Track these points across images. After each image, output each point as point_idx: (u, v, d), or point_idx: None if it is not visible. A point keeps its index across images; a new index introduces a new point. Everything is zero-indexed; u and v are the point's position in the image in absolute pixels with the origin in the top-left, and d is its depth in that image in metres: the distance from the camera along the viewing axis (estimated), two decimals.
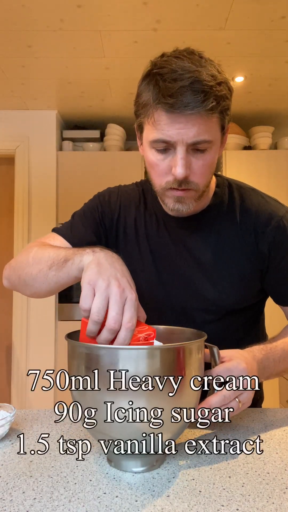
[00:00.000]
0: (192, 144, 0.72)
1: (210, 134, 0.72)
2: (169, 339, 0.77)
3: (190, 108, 0.68)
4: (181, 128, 0.70)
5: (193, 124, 0.69)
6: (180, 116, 0.69)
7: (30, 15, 2.00)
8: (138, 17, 2.03)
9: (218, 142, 0.77)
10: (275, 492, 0.55)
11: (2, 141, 3.12)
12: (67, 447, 0.69)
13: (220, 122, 0.75)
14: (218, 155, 0.80)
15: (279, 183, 3.08)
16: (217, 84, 0.69)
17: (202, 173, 0.76)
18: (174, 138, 0.71)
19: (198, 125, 0.70)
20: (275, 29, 2.13)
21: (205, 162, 0.75)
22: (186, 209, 0.79)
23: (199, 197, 0.80)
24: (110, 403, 0.56)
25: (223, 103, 0.72)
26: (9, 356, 3.16)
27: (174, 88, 0.67)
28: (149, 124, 0.74)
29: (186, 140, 0.71)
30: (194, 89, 0.67)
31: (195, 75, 0.68)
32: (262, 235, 0.85)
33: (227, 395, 0.67)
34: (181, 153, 0.72)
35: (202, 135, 0.71)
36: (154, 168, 0.77)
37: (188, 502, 0.53)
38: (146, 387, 0.55)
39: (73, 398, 0.62)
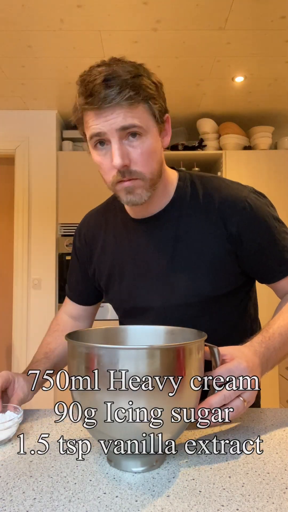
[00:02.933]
0: (122, 130, 0.75)
1: (139, 120, 0.75)
2: (169, 339, 0.77)
3: (108, 101, 0.73)
4: (108, 120, 0.75)
5: (118, 113, 0.74)
6: (103, 111, 0.74)
7: (30, 15, 2.00)
8: (138, 17, 2.03)
9: (154, 130, 0.79)
10: (275, 492, 0.55)
11: (2, 141, 3.12)
12: (67, 447, 0.69)
13: (149, 110, 0.78)
14: (162, 146, 0.83)
15: (279, 183, 3.08)
16: (133, 77, 0.74)
17: (142, 161, 0.78)
18: (103, 129, 0.75)
19: (123, 113, 0.74)
20: (275, 29, 2.13)
21: (142, 150, 0.77)
22: (139, 199, 0.81)
23: (150, 187, 0.82)
24: (110, 403, 0.56)
25: (143, 92, 0.75)
26: (9, 356, 3.16)
27: (90, 87, 0.74)
28: (85, 128, 0.80)
29: (114, 127, 0.75)
30: (108, 85, 0.73)
31: (107, 72, 0.74)
32: (229, 218, 0.85)
33: (227, 395, 0.67)
34: (115, 142, 0.76)
35: (129, 120, 0.74)
36: (101, 167, 0.81)
37: (188, 502, 0.53)
38: (146, 387, 0.55)
39: (73, 398, 0.62)
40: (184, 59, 2.44)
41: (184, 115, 3.23)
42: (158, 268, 0.89)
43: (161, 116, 0.81)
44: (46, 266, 3.09)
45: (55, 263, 3.10)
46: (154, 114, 0.79)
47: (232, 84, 2.76)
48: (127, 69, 0.75)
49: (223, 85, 2.76)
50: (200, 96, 2.92)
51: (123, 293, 0.94)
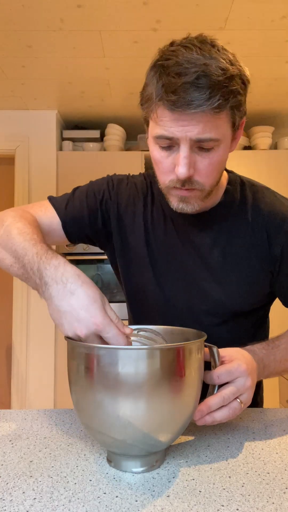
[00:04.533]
0: (197, 141, 0.68)
1: (218, 132, 0.68)
2: (169, 339, 0.76)
3: (194, 107, 0.63)
4: (185, 126, 0.66)
5: (198, 122, 0.65)
6: (183, 114, 0.65)
7: (30, 15, 2.00)
8: (138, 17, 2.03)
9: (228, 139, 0.72)
10: (275, 492, 0.55)
11: (2, 141, 3.12)
12: (67, 447, 0.69)
13: (230, 119, 0.70)
14: (229, 152, 0.76)
15: (279, 183, 3.08)
16: (227, 79, 0.64)
17: (207, 173, 0.72)
18: (177, 134, 0.67)
19: (204, 122, 0.66)
20: (275, 29, 2.13)
21: (211, 161, 0.71)
22: (191, 209, 0.77)
23: (205, 197, 0.77)
24: (110, 403, 0.56)
25: (233, 99, 0.67)
26: (9, 356, 3.16)
27: (177, 84, 0.63)
28: (153, 120, 0.71)
29: (190, 136, 0.67)
30: (199, 85, 0.62)
31: (201, 69, 0.63)
32: (275, 237, 0.82)
33: (226, 396, 0.66)
34: (185, 151, 0.68)
35: (208, 132, 0.66)
36: (158, 165, 0.75)
37: (188, 502, 0.53)
38: (146, 387, 0.55)
39: (73, 398, 0.62)
40: None
41: None
42: (189, 270, 0.86)
43: (239, 122, 0.73)
44: None
45: None
46: (235, 122, 0.71)
47: None
48: (221, 64, 0.64)
49: None
50: None
51: (146, 280, 0.88)
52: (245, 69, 0.71)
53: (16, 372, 3.01)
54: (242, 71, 0.70)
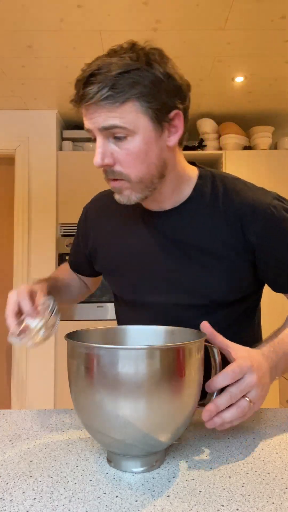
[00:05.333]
0: (104, 130, 0.72)
1: (124, 121, 0.71)
2: (169, 339, 0.76)
3: (86, 100, 0.71)
4: (92, 118, 0.73)
5: (100, 112, 0.71)
6: (86, 108, 0.73)
7: (30, 15, 2.00)
8: (138, 17, 2.03)
9: (146, 131, 0.73)
10: (275, 492, 0.55)
11: (2, 141, 3.12)
12: (67, 447, 0.69)
13: (140, 110, 0.72)
14: (158, 146, 0.76)
15: (279, 183, 3.08)
16: (119, 73, 0.69)
17: (128, 163, 0.74)
18: (89, 126, 0.74)
19: (105, 112, 0.71)
20: (275, 29, 2.13)
21: (128, 151, 0.73)
22: (125, 200, 0.80)
23: (141, 189, 0.78)
24: (110, 403, 0.56)
25: (131, 90, 0.70)
26: (9, 357, 3.16)
27: (76, 84, 0.73)
28: None
29: (96, 126, 0.73)
30: (90, 82, 0.70)
31: (95, 67, 0.70)
32: (248, 226, 0.81)
33: (233, 394, 0.64)
34: (98, 141, 0.74)
35: (110, 120, 0.71)
36: None
37: (188, 502, 0.53)
38: (146, 387, 0.55)
39: (73, 398, 0.62)
40: (184, 59, 2.44)
41: None
42: (165, 265, 0.86)
43: (162, 114, 0.74)
44: (46, 266, 3.09)
45: (55, 263, 3.10)
46: (149, 113, 0.72)
47: (232, 84, 2.76)
48: (122, 61, 0.70)
49: (223, 85, 2.76)
50: (200, 96, 2.92)
51: (125, 284, 0.93)
52: (165, 64, 0.74)
53: (16, 372, 3.01)
54: (154, 65, 0.72)
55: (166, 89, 0.74)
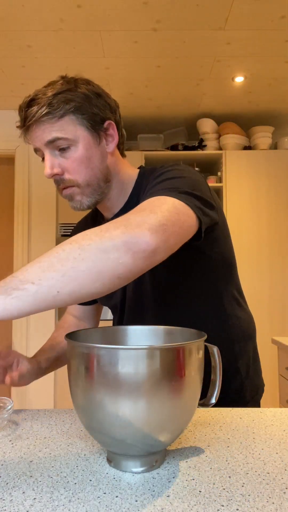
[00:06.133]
0: (49, 143, 0.82)
1: (65, 132, 0.82)
2: (169, 339, 0.77)
3: (28, 120, 0.82)
4: (36, 136, 0.83)
5: (43, 129, 0.82)
6: (30, 129, 0.83)
7: (30, 15, 2.00)
8: (138, 17, 2.03)
9: (86, 139, 0.84)
10: (275, 492, 0.55)
11: (2, 141, 3.12)
12: (67, 447, 0.69)
13: (76, 121, 0.83)
14: (98, 152, 0.86)
15: (279, 183, 3.09)
16: (53, 95, 0.81)
17: (74, 169, 0.83)
18: (35, 144, 0.84)
19: (48, 128, 0.81)
20: (275, 29, 2.13)
21: (73, 159, 0.83)
22: (79, 205, 0.87)
23: (91, 193, 0.86)
24: (110, 403, 0.56)
25: (66, 106, 0.81)
26: None
27: (19, 111, 0.84)
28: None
29: (42, 142, 0.83)
30: (28, 106, 0.82)
31: (32, 96, 0.82)
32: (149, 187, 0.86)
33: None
34: (46, 155, 0.83)
35: (53, 133, 0.81)
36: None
37: (188, 502, 0.53)
38: (146, 387, 0.55)
39: (73, 398, 0.62)
40: (184, 59, 2.44)
41: (184, 115, 3.23)
42: None
43: (96, 124, 0.85)
44: None
45: None
46: (85, 124, 0.83)
47: (232, 84, 2.76)
48: (56, 86, 0.82)
49: (223, 85, 2.76)
50: (200, 96, 2.92)
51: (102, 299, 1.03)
52: (90, 86, 0.86)
53: None
54: (82, 87, 0.84)
55: (96, 104, 0.85)
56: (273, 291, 3.05)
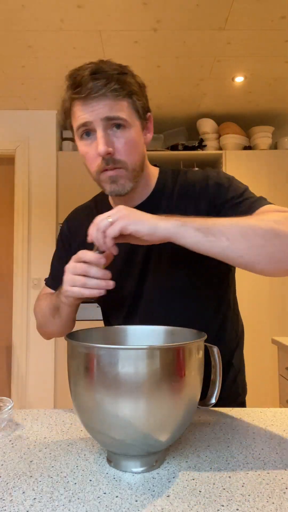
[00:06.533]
0: (107, 120, 0.79)
1: (122, 112, 0.80)
2: (169, 339, 0.77)
3: (95, 91, 0.78)
4: (94, 110, 0.79)
5: (104, 104, 0.79)
6: (89, 101, 0.79)
7: (30, 15, 2.00)
8: (138, 17, 2.03)
9: (137, 125, 0.84)
10: (275, 492, 0.55)
11: (2, 141, 3.12)
12: (67, 447, 0.69)
13: (132, 106, 0.82)
14: (144, 141, 0.88)
15: (279, 183, 3.09)
16: (119, 74, 0.80)
17: (126, 151, 0.82)
18: (89, 118, 0.80)
19: (109, 104, 0.79)
20: (275, 29, 2.13)
21: (127, 140, 0.82)
22: (122, 189, 0.85)
23: (133, 177, 0.85)
24: (110, 403, 0.56)
25: (128, 88, 0.81)
26: (9, 356, 3.16)
27: (78, 79, 0.79)
28: (72, 119, 0.85)
29: (100, 116, 0.79)
30: (95, 77, 0.78)
31: (95, 66, 0.80)
32: (203, 193, 0.89)
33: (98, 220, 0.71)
34: (100, 131, 0.80)
35: (114, 112, 0.79)
36: (86, 158, 0.85)
37: (188, 502, 0.53)
38: (145, 387, 0.55)
39: (73, 398, 0.62)
40: (184, 59, 2.44)
41: (184, 115, 3.23)
42: (137, 258, 0.91)
43: (144, 113, 0.86)
44: (46, 266, 3.07)
45: None
46: (138, 110, 0.84)
47: (232, 84, 2.76)
48: (113, 66, 0.81)
49: (223, 85, 2.76)
50: (200, 96, 2.92)
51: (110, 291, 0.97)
52: (137, 75, 0.86)
53: (16, 372, 3.01)
54: (133, 73, 0.85)
55: (144, 94, 0.86)
56: (273, 291, 3.05)
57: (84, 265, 0.74)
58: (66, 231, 1.05)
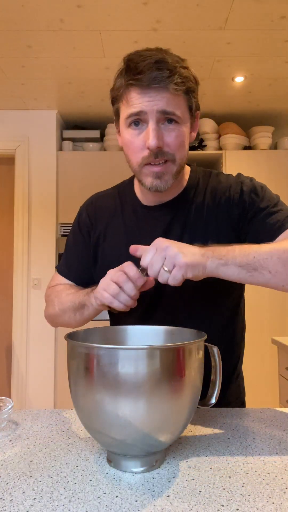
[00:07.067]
0: (162, 113, 0.78)
1: (179, 109, 0.79)
2: (169, 339, 0.77)
3: (157, 82, 0.76)
4: (151, 100, 0.77)
5: (162, 96, 0.77)
6: (149, 90, 0.77)
7: (30, 15, 2.00)
8: (138, 17, 2.03)
9: (187, 122, 0.83)
10: (275, 492, 0.55)
11: (2, 141, 3.12)
12: (67, 447, 0.69)
13: (187, 102, 0.81)
14: (189, 139, 0.86)
15: (279, 183, 3.08)
16: (181, 67, 0.78)
17: (176, 145, 0.81)
18: (145, 108, 0.77)
19: (167, 97, 0.77)
20: (275, 29, 2.13)
21: (177, 134, 0.80)
22: (164, 185, 0.83)
23: (177, 173, 0.84)
24: (110, 403, 0.56)
25: (188, 83, 0.79)
26: (9, 356, 3.16)
27: (141, 66, 0.76)
28: (124, 105, 0.81)
29: (156, 109, 0.77)
30: (159, 67, 0.76)
31: (159, 56, 0.77)
32: (237, 201, 0.87)
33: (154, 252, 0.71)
34: (153, 123, 0.78)
35: (171, 107, 0.78)
36: (130, 147, 0.83)
37: (188, 502, 0.53)
38: (146, 387, 0.55)
39: (73, 398, 0.62)
40: None
41: None
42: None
43: (194, 111, 0.84)
44: (46, 266, 3.09)
45: (55, 263, 3.10)
46: (191, 107, 0.83)
47: (232, 84, 2.76)
48: (175, 58, 0.79)
49: (223, 85, 2.76)
50: (200, 96, 2.90)
51: None
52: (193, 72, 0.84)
53: (16, 372, 3.01)
54: (191, 70, 0.83)
55: (196, 91, 0.84)
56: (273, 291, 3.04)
57: (124, 277, 0.74)
58: (86, 218, 1.00)
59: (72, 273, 1.02)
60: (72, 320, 0.94)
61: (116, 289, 0.74)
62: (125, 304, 0.74)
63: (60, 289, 1.00)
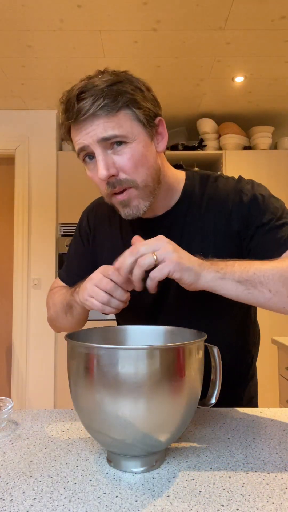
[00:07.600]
0: (103, 141, 0.74)
1: (121, 129, 0.74)
2: (169, 339, 0.76)
3: (82, 114, 0.73)
4: (88, 132, 0.74)
5: (97, 124, 0.73)
6: (81, 124, 0.75)
7: (30, 15, 2.00)
8: (138, 17, 2.03)
9: (141, 136, 0.77)
10: (275, 492, 0.55)
11: (2, 141, 3.12)
12: (67, 447, 0.69)
13: (132, 117, 0.75)
14: (153, 150, 0.80)
15: (279, 183, 3.08)
16: (109, 86, 0.73)
17: (131, 168, 0.76)
18: (85, 142, 0.75)
19: (102, 123, 0.73)
20: (275, 29, 2.13)
21: (129, 156, 0.75)
22: (136, 211, 0.80)
23: (147, 195, 0.79)
24: (110, 403, 0.56)
25: (123, 99, 0.74)
26: (9, 356, 3.16)
27: (68, 102, 0.75)
28: (74, 145, 0.80)
29: (95, 139, 0.74)
30: (81, 97, 0.73)
31: (82, 85, 0.74)
32: (236, 212, 0.83)
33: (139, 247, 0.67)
34: (99, 154, 0.75)
35: (109, 130, 0.73)
36: (94, 182, 0.80)
37: (188, 502, 0.53)
38: (146, 387, 0.55)
39: (73, 398, 0.62)
40: (184, 59, 2.44)
41: (184, 115, 3.23)
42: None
43: (150, 120, 0.78)
44: (46, 266, 3.09)
45: (55, 263, 3.10)
46: (140, 119, 0.76)
47: (232, 84, 2.76)
48: (104, 78, 0.74)
49: (223, 85, 2.76)
50: (200, 96, 2.92)
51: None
52: (139, 79, 0.79)
53: (16, 372, 3.01)
54: (133, 79, 0.77)
55: (148, 98, 0.78)
56: None
57: (111, 284, 0.71)
58: (86, 226, 1.00)
59: (70, 278, 1.01)
60: (66, 321, 0.94)
61: (105, 297, 0.72)
62: (118, 309, 0.74)
63: (54, 292, 1.01)
